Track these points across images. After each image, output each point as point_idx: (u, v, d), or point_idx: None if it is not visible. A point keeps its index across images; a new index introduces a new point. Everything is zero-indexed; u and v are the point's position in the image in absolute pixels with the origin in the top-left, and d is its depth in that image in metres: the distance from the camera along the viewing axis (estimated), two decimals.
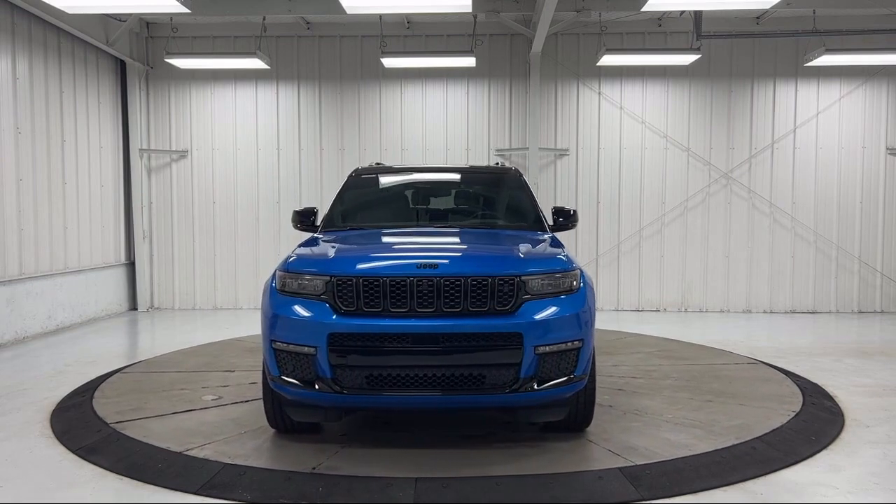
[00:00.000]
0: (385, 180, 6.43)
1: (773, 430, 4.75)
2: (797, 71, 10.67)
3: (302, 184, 11.00)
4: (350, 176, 6.19)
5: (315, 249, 4.74)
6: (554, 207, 5.81)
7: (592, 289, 4.50)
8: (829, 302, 10.87)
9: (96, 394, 5.70)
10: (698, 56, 9.72)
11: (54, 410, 5.36)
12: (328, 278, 4.14)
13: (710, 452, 4.33)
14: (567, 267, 4.34)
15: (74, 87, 9.63)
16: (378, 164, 7.09)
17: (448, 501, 3.70)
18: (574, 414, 4.52)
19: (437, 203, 6.10)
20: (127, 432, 4.71)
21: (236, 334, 8.56)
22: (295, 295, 4.23)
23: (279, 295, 4.30)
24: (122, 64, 10.75)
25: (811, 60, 9.84)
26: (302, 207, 5.86)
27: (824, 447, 4.51)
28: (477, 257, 4.51)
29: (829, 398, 5.69)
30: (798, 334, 8.98)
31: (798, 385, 6.02)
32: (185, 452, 4.33)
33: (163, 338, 8.80)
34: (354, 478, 3.95)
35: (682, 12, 9.94)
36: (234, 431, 4.75)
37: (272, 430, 4.72)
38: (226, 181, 11.07)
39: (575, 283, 4.32)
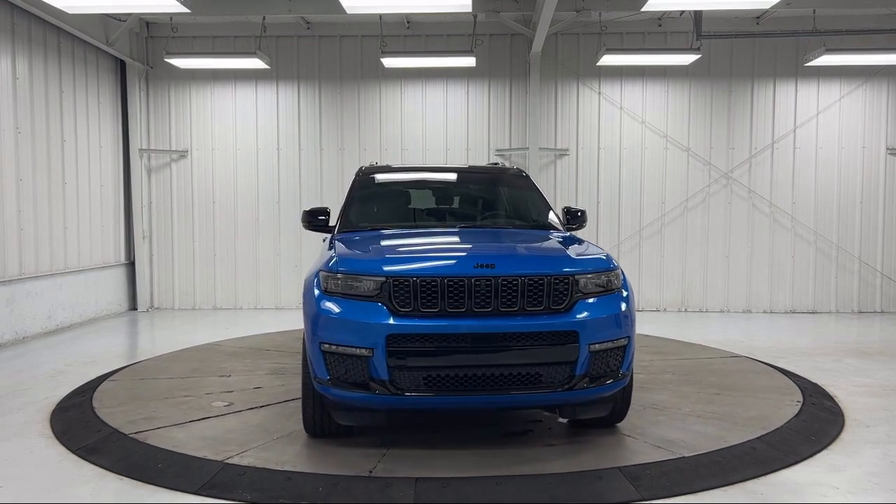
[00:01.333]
0: (399, 179, 6.38)
1: (774, 430, 4.76)
2: (797, 71, 10.67)
3: (302, 184, 11.00)
4: (358, 175, 6.08)
5: (358, 250, 4.58)
6: (564, 208, 5.90)
7: (630, 287, 4.60)
8: (829, 302, 10.87)
9: (98, 403, 5.44)
10: (698, 56, 9.72)
11: (54, 410, 5.36)
12: (383, 279, 4.06)
13: (709, 452, 4.33)
14: (612, 266, 4.44)
15: (74, 87, 9.63)
16: (374, 164, 7.04)
17: (448, 501, 3.70)
18: (614, 410, 4.61)
19: (457, 203, 6.11)
20: (151, 442, 4.51)
21: (235, 334, 8.56)
22: (345, 296, 4.14)
23: (326, 296, 4.19)
24: (122, 64, 10.75)
25: (811, 60, 9.84)
26: (312, 207, 5.70)
27: (824, 447, 4.51)
28: (532, 257, 4.53)
29: (829, 398, 5.69)
30: (798, 334, 8.98)
31: (798, 385, 6.02)
32: (227, 461, 4.17)
33: (163, 338, 8.80)
34: (354, 478, 3.95)
35: (682, 12, 9.94)
36: (266, 437, 4.62)
37: (304, 435, 4.61)
38: (226, 181, 11.07)
39: (618, 281, 4.42)
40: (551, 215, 5.75)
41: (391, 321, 3.98)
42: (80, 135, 9.76)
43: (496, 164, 7.39)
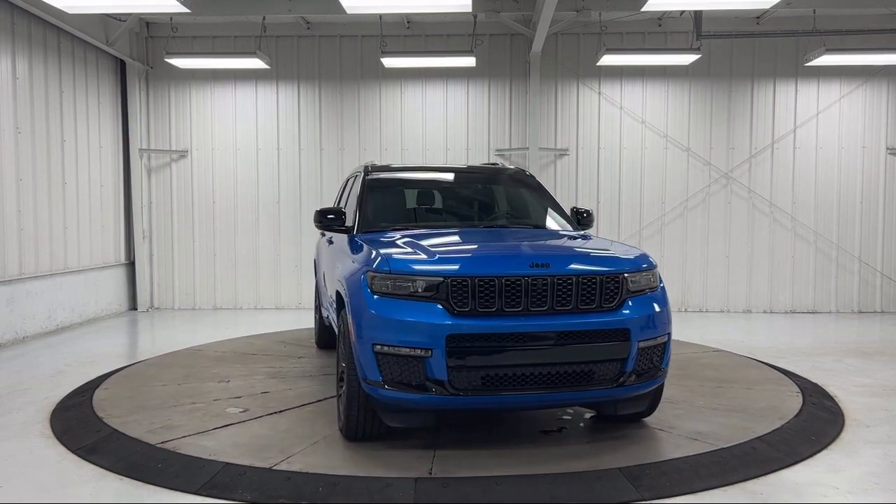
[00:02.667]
0: (415, 179, 6.33)
1: (774, 430, 4.76)
2: (797, 71, 10.67)
3: (302, 184, 11.00)
4: (367, 174, 5.96)
5: (405, 250, 4.48)
6: (573, 208, 5.97)
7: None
8: (829, 302, 10.87)
9: (102, 412, 5.19)
10: (698, 56, 9.72)
11: (54, 410, 5.36)
12: (440, 279, 4.04)
13: (709, 452, 4.33)
14: (653, 264, 4.56)
15: (74, 87, 9.63)
16: (374, 163, 7.01)
17: (448, 501, 3.70)
18: (650, 405, 4.74)
19: (475, 203, 6.11)
20: (183, 451, 4.34)
21: (237, 334, 8.56)
22: (398, 296, 4.09)
23: (377, 297, 4.14)
24: (122, 64, 10.75)
25: (811, 60, 9.84)
26: (326, 207, 5.60)
27: (824, 447, 4.51)
28: (584, 256, 4.56)
29: (830, 398, 5.69)
30: (798, 334, 8.98)
31: (798, 385, 6.02)
32: (274, 468, 4.06)
33: (163, 338, 8.80)
34: (354, 478, 3.94)
35: (682, 12, 9.94)
36: (303, 442, 4.50)
37: (340, 438, 4.55)
38: (226, 181, 11.07)
39: (656, 279, 4.54)
40: (566, 214, 5.85)
41: (451, 321, 3.97)
42: (80, 135, 9.76)
43: (494, 164, 7.38)
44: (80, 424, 4.96)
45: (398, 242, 4.69)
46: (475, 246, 4.88)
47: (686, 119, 10.84)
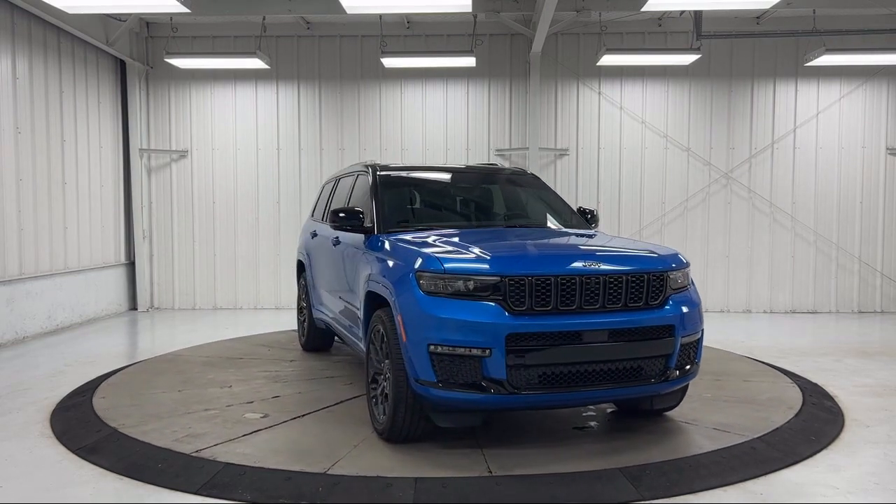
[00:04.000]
0: (431, 179, 6.28)
1: (774, 430, 4.76)
2: (797, 71, 10.67)
3: (302, 184, 11.00)
4: (375, 172, 5.84)
5: (452, 249, 4.46)
6: (579, 208, 6.07)
7: None
8: (829, 302, 10.87)
9: (116, 423, 4.92)
10: (698, 56, 9.72)
11: (54, 410, 5.35)
12: (497, 279, 4.07)
13: (709, 452, 4.33)
14: (687, 264, 4.69)
15: (74, 87, 9.64)
16: (375, 161, 6.98)
17: (448, 501, 3.70)
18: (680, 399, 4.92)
19: (495, 203, 6.13)
20: (222, 459, 4.18)
21: (237, 334, 8.56)
22: (451, 296, 4.10)
23: (430, 297, 4.13)
24: (122, 64, 10.75)
25: (811, 60, 9.84)
26: (343, 206, 5.51)
27: (824, 447, 4.51)
28: (632, 255, 4.64)
29: (829, 398, 5.69)
30: (798, 334, 8.98)
31: (798, 385, 6.02)
32: (328, 472, 4.00)
33: (163, 338, 8.80)
34: (354, 477, 3.94)
35: (682, 12, 9.94)
36: (346, 446, 4.42)
37: (380, 440, 4.50)
38: (226, 181, 11.07)
39: (688, 278, 4.70)
40: (575, 216, 5.94)
41: (509, 320, 4.00)
42: (80, 135, 9.76)
43: (493, 164, 7.39)
44: (80, 424, 4.96)
45: (436, 242, 4.70)
46: (522, 245, 4.90)
47: (686, 119, 10.84)
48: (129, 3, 7.84)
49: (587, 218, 5.94)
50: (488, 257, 4.25)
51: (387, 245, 4.87)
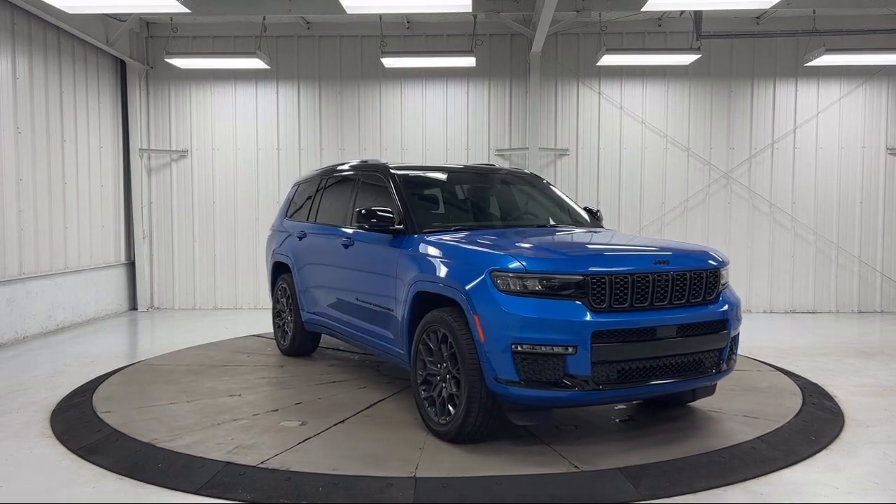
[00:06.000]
0: (451, 180, 6.25)
1: (774, 430, 4.76)
2: (797, 71, 10.67)
3: None
4: (392, 172, 5.77)
5: (529, 248, 4.57)
6: (585, 208, 6.22)
7: None
8: (829, 302, 10.87)
9: (142, 436, 4.61)
10: (698, 56, 9.72)
11: (54, 410, 5.35)
12: (580, 277, 4.16)
13: (709, 452, 4.33)
14: (727, 261, 4.89)
15: (74, 87, 9.64)
16: (378, 160, 6.92)
17: (448, 501, 3.70)
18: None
19: (516, 204, 6.20)
20: (295, 468, 4.05)
21: (237, 334, 8.55)
22: (535, 295, 4.14)
23: (510, 296, 4.14)
24: (122, 64, 10.75)
25: (811, 60, 9.84)
26: (371, 207, 5.37)
27: (824, 447, 4.51)
28: (692, 253, 4.78)
29: (829, 398, 5.69)
30: (798, 334, 8.99)
31: (798, 385, 6.02)
32: (413, 476, 3.94)
33: (163, 338, 8.80)
34: (354, 477, 3.94)
35: (682, 12, 9.95)
36: (412, 449, 4.35)
37: (440, 441, 4.47)
38: (226, 181, 11.07)
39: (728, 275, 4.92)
40: (582, 213, 6.11)
41: (594, 318, 4.11)
42: (80, 134, 9.76)
43: (491, 164, 7.38)
44: (80, 424, 4.96)
45: (487, 241, 4.78)
46: (583, 245, 5.07)
47: (686, 119, 10.84)
48: (129, 3, 7.84)
49: (595, 217, 6.11)
50: (571, 256, 4.45)
51: (435, 246, 4.81)
